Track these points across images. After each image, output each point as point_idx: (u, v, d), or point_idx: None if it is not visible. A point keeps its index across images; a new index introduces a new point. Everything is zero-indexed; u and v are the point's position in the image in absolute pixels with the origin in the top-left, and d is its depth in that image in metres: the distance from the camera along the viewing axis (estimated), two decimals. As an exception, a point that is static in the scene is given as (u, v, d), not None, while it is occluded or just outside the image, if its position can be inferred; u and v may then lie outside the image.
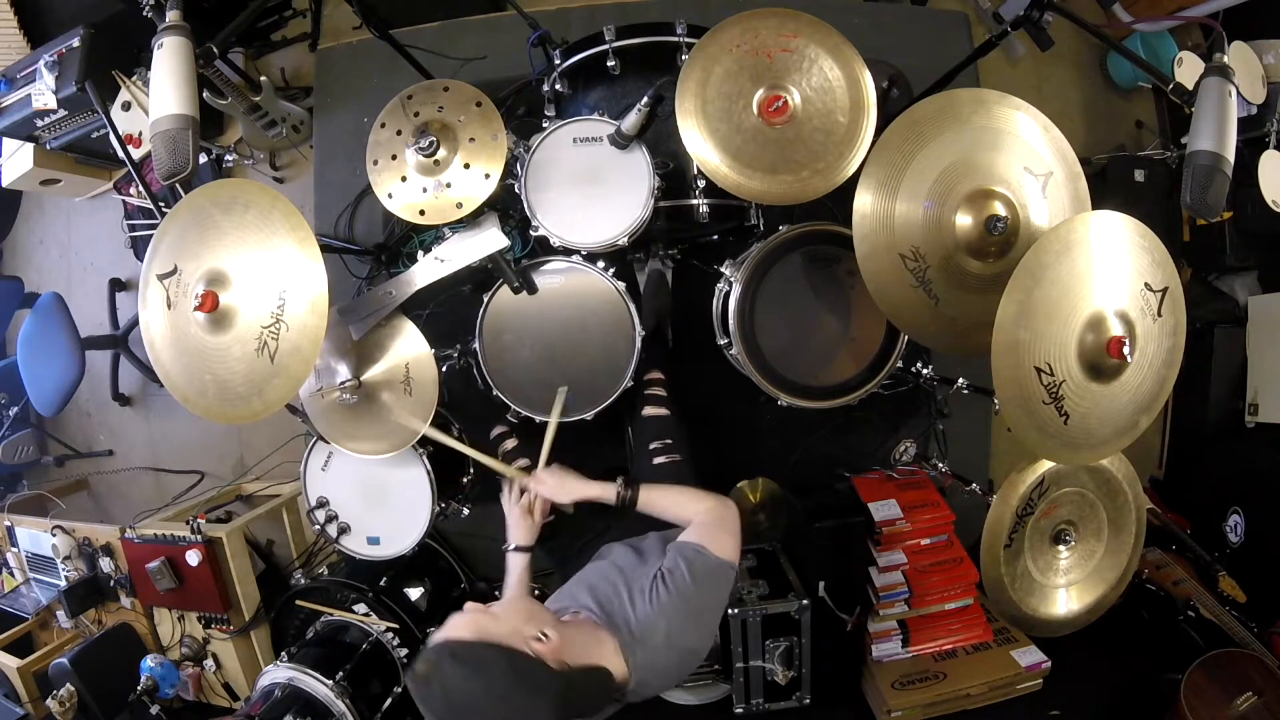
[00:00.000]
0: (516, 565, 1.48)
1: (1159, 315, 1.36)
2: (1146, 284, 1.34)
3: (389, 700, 2.00)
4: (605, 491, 1.41)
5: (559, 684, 1.00)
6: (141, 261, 3.05)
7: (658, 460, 1.71)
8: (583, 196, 1.68)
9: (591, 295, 1.78)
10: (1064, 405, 1.31)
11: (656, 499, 1.39)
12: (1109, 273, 1.31)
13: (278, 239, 1.41)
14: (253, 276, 1.42)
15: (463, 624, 1.03)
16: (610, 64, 1.74)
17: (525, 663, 1.00)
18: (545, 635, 1.04)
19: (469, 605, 1.10)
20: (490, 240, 1.72)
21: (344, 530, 1.95)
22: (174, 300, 1.46)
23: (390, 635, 2.03)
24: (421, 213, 1.64)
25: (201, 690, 2.37)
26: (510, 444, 1.94)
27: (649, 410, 1.80)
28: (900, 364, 1.79)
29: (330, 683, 1.85)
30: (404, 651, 2.04)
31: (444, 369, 1.80)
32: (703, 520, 1.27)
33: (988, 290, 1.37)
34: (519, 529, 1.50)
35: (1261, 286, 2.70)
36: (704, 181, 1.72)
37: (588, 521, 1.69)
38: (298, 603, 2.14)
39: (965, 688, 2.07)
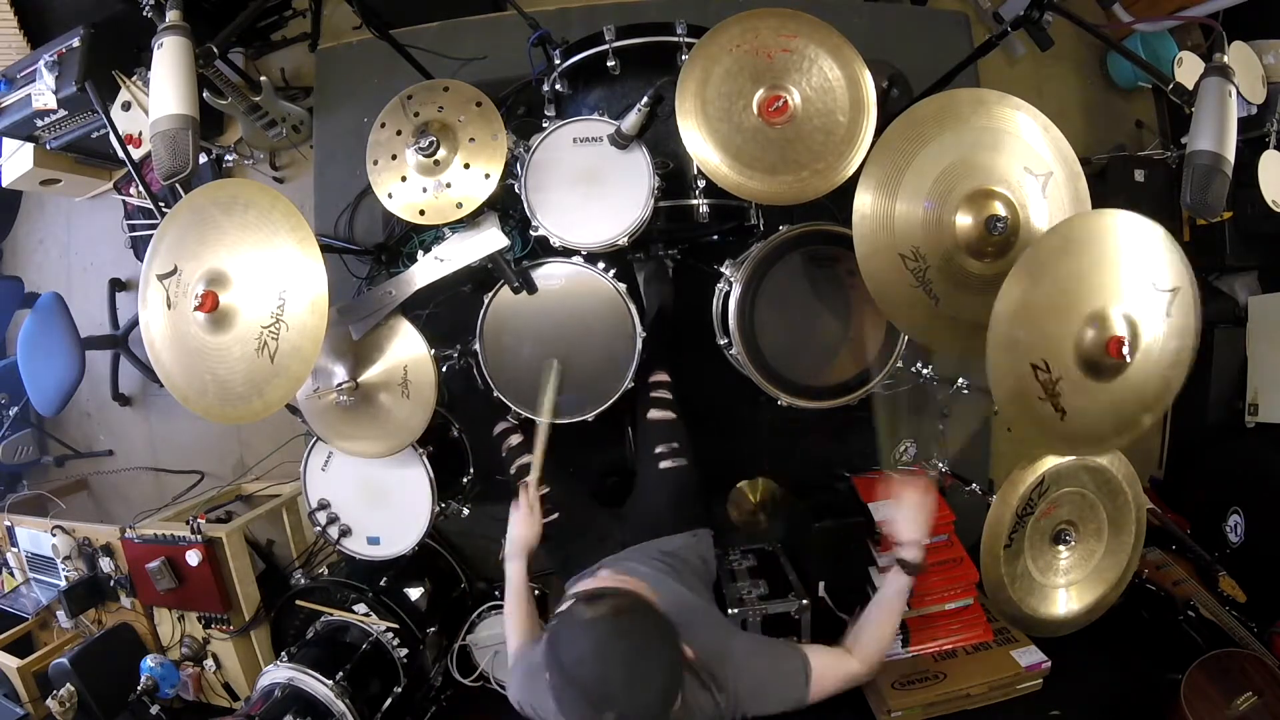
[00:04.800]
0: (516, 576, 1.48)
1: (1169, 315, 1.35)
2: (1155, 284, 1.34)
3: (389, 700, 2.00)
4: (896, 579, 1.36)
5: None
6: (141, 261, 3.05)
7: (664, 464, 1.71)
8: (583, 196, 1.68)
9: (592, 296, 1.78)
10: (1060, 402, 1.31)
11: (889, 614, 1.35)
12: (1117, 271, 1.30)
13: (278, 239, 1.41)
14: (253, 276, 1.42)
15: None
16: (610, 64, 1.74)
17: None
18: None
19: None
20: (490, 240, 1.72)
21: (345, 532, 1.95)
22: (174, 300, 1.46)
23: (390, 635, 2.03)
24: (421, 213, 1.64)
25: (201, 690, 2.37)
26: (515, 439, 1.93)
27: (655, 414, 1.79)
28: (900, 364, 1.79)
29: (330, 683, 1.85)
30: (404, 651, 2.04)
31: (444, 369, 1.80)
32: (845, 666, 1.26)
33: (988, 290, 1.37)
34: (517, 532, 1.49)
35: (1261, 286, 2.70)
36: (704, 181, 1.71)
37: (590, 523, 1.70)
38: (298, 603, 2.14)
39: (965, 688, 2.07)
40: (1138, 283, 1.33)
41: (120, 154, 2.16)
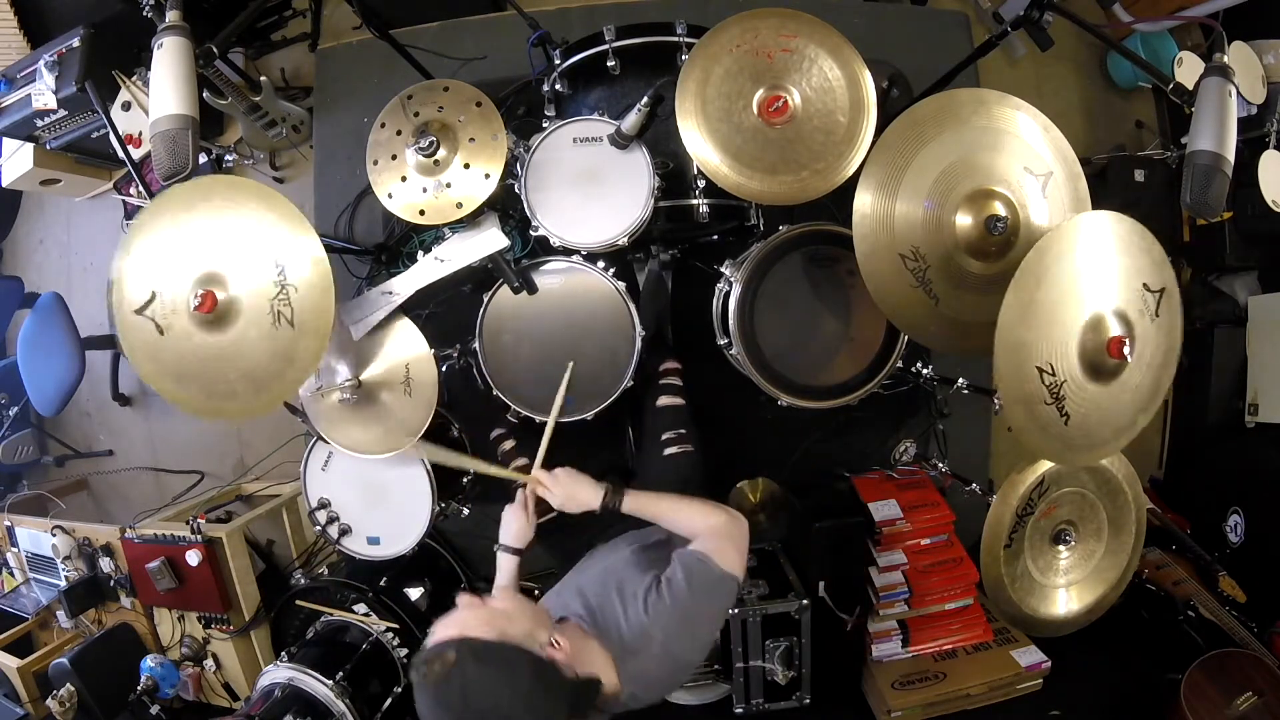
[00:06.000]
0: (507, 566, 1.44)
1: (1156, 315, 1.36)
2: (1145, 284, 1.34)
3: (389, 700, 2.00)
4: (596, 500, 1.33)
5: (572, 690, 1.01)
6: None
7: (670, 450, 1.70)
8: (583, 196, 1.68)
9: (591, 295, 1.78)
10: (1065, 406, 1.31)
11: (653, 506, 1.32)
12: (1108, 273, 1.31)
13: (245, 209, 1.39)
14: (241, 261, 1.39)
15: (479, 622, 1.01)
16: (610, 64, 1.74)
17: (546, 667, 1.00)
18: (557, 642, 1.04)
19: (470, 599, 1.07)
20: (490, 240, 1.72)
21: (345, 531, 1.95)
22: (165, 324, 1.40)
23: (390, 635, 2.04)
24: (421, 213, 1.64)
25: (201, 690, 2.37)
26: (509, 444, 1.93)
27: (665, 400, 1.79)
28: (900, 364, 1.79)
29: (330, 683, 1.85)
30: (404, 651, 2.04)
31: (444, 369, 1.80)
32: (711, 532, 1.23)
33: (988, 290, 1.37)
34: (511, 527, 1.44)
35: (1261, 286, 2.70)
36: (704, 181, 1.72)
37: (587, 520, 1.69)
38: (298, 603, 2.14)
39: (965, 688, 2.07)
40: (1128, 284, 1.33)
41: (120, 154, 2.16)
